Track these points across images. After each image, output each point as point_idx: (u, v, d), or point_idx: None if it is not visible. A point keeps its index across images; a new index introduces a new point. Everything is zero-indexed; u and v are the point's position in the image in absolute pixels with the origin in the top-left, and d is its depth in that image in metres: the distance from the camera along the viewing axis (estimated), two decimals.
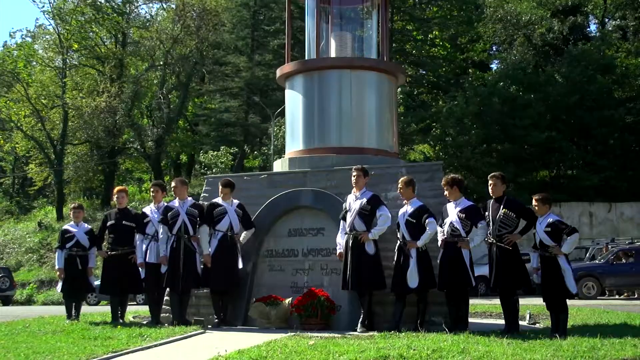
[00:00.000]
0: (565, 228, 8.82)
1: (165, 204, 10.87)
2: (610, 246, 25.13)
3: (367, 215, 9.53)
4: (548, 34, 40.31)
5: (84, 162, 44.55)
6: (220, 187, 10.55)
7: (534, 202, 9.04)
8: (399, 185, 9.58)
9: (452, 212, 9.25)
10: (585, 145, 36.28)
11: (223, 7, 42.66)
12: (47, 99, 44.45)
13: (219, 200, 10.54)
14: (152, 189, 11.43)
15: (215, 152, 38.25)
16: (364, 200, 9.59)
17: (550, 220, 8.85)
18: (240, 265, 10.41)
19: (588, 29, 43.98)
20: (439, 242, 9.37)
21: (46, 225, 40.97)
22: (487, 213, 9.22)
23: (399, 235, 9.47)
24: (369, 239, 9.44)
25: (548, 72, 36.75)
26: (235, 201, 10.57)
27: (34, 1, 48.27)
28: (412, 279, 9.16)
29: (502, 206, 9.09)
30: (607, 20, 45.64)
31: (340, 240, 9.78)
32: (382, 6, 12.45)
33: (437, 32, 41.18)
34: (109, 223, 11.24)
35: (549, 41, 40.47)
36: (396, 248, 9.48)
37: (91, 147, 44.86)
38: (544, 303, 9.05)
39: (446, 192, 9.38)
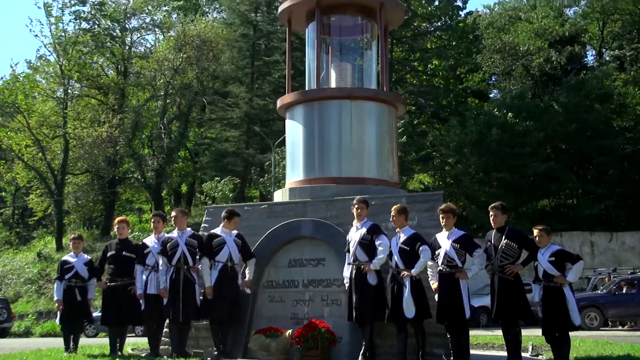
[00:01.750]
0: (570, 256, 8.80)
1: (165, 234, 10.83)
2: (612, 276, 25.02)
3: (367, 245, 9.48)
4: (546, 64, 40.57)
5: (84, 192, 44.55)
6: (232, 217, 10.41)
7: (536, 233, 9.00)
8: (392, 213, 9.52)
9: (445, 242, 9.16)
10: (585, 174, 36.32)
11: (223, 38, 42.97)
12: (49, 128, 44.59)
13: (217, 230, 10.49)
14: (152, 220, 11.38)
15: (221, 180, 38.27)
16: (364, 230, 9.57)
17: (554, 250, 8.82)
18: (248, 291, 10.37)
19: (585, 59, 44.31)
20: (430, 274, 9.33)
21: (45, 255, 40.84)
22: (489, 243, 9.19)
23: (391, 264, 9.41)
24: (371, 269, 9.39)
25: (546, 101, 36.92)
26: (235, 231, 10.53)
27: (37, 35, 48.58)
28: (409, 308, 9.07)
29: (504, 236, 9.06)
30: (604, 50, 45.97)
31: (346, 272, 9.73)
32: (382, 37, 12.53)
33: (436, 62, 41.44)
34: (109, 254, 11.18)
35: (547, 71, 40.73)
36: (389, 277, 9.41)
37: (92, 177, 44.89)
38: (543, 335, 8.96)
39: (444, 221, 9.28)
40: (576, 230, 32.41)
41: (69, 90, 45.76)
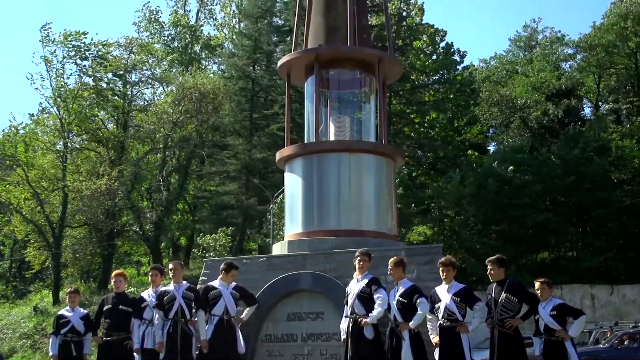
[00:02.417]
0: (573, 310, 8.73)
1: (161, 288, 10.71)
2: (614, 330, 24.76)
3: (366, 298, 9.41)
4: (543, 117, 40.92)
5: (82, 245, 44.38)
6: (230, 269, 10.33)
7: (537, 286, 8.95)
8: (389, 266, 9.48)
9: (445, 295, 9.09)
10: (584, 226, 36.27)
11: (222, 91, 43.37)
12: (48, 181, 44.64)
13: (215, 283, 10.40)
14: (150, 273, 11.29)
15: (213, 235, 38.18)
16: (364, 283, 9.51)
17: (556, 303, 8.75)
18: (242, 350, 10.19)
19: (582, 112, 44.72)
20: (430, 328, 9.23)
21: (42, 309, 40.46)
22: (489, 296, 9.12)
23: (390, 317, 9.32)
24: (369, 323, 9.30)
25: (544, 154, 37.10)
26: (233, 283, 10.44)
27: (38, 88, 49.13)
28: None
29: (503, 290, 8.98)
30: (600, 103, 46.44)
31: (344, 325, 9.63)
32: (380, 90, 12.66)
33: (434, 115, 41.79)
34: (105, 307, 11.04)
35: (545, 124, 41.06)
36: (387, 331, 9.31)
37: (90, 229, 44.78)
38: None
39: (444, 274, 9.20)
40: (576, 282, 32.21)
41: (69, 143, 45.99)
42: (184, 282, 10.56)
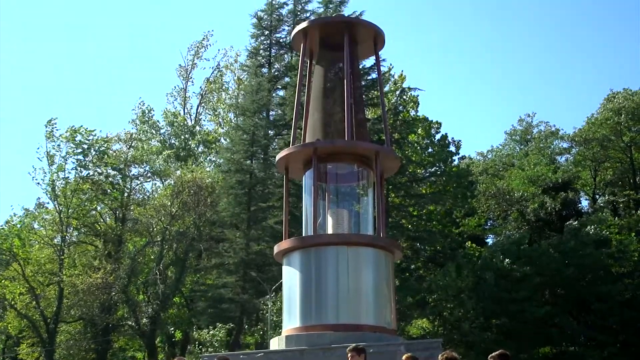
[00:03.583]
0: None
1: None
2: None
3: None
4: (541, 210, 41.06)
5: (76, 341, 43.64)
6: None
7: None
8: None
9: None
10: (585, 320, 35.82)
11: (219, 185, 43.61)
12: (44, 276, 44.28)
13: None
14: None
15: (212, 330, 37.59)
16: None
17: None
18: None
19: (580, 205, 44.90)
20: None
21: None
22: None
23: None
24: None
25: (543, 246, 37.02)
26: None
27: (39, 183, 48.78)
28: None
29: None
30: (597, 196, 46.70)
31: None
32: (378, 184, 12.75)
33: (432, 207, 41.93)
34: None
35: (542, 217, 41.17)
36: None
37: (85, 324, 44.12)
38: None
39: None
40: None
41: (67, 238, 45.85)
42: None
